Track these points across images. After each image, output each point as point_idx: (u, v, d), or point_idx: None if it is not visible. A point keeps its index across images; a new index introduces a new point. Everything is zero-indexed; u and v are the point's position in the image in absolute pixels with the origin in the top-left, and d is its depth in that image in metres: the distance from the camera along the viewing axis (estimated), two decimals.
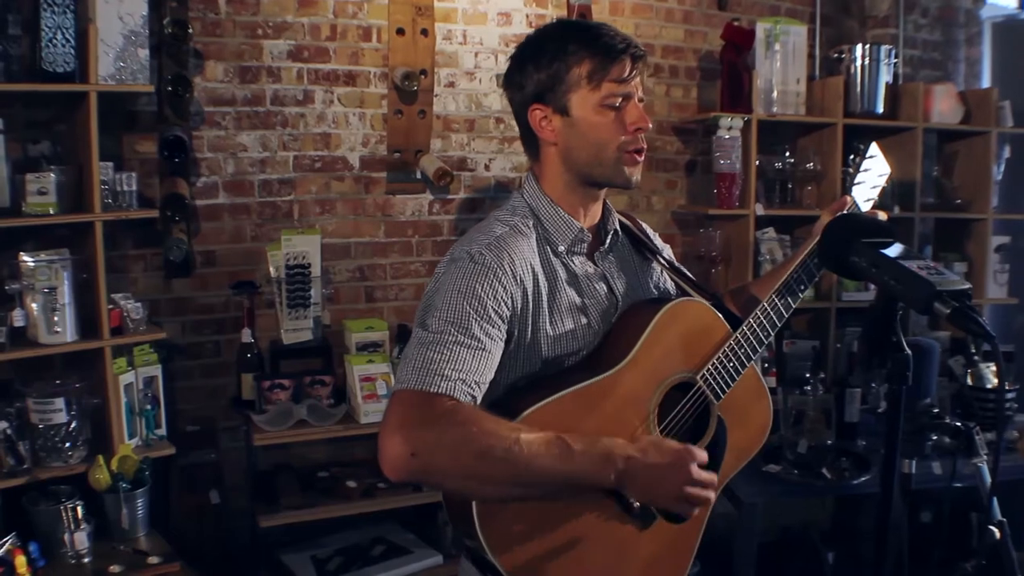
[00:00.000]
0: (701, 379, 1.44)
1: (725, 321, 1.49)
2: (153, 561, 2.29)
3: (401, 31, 2.98)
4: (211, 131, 2.81)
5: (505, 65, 1.47)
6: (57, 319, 2.36)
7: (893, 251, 1.30)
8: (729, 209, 3.36)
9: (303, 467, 2.90)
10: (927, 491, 2.70)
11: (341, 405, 2.76)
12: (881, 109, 3.51)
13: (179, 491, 2.70)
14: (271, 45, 2.86)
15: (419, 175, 3.10)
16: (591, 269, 1.47)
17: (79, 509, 2.29)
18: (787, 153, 3.56)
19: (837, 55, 3.56)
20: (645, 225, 1.66)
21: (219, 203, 2.85)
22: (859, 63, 3.47)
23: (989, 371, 3.06)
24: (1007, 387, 2.96)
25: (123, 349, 2.51)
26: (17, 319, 2.34)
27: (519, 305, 1.35)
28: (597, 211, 1.51)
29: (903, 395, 1.27)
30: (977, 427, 2.18)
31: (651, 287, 1.58)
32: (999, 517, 1.80)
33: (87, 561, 2.27)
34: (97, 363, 2.47)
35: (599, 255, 1.49)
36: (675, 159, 3.59)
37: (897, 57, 3.69)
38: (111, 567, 2.25)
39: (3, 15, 2.32)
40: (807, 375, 2.95)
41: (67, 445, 2.38)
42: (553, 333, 1.38)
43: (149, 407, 2.55)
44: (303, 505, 2.66)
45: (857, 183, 1.59)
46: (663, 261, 1.59)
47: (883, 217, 1.52)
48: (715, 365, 1.44)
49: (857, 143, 3.42)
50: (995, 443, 2.42)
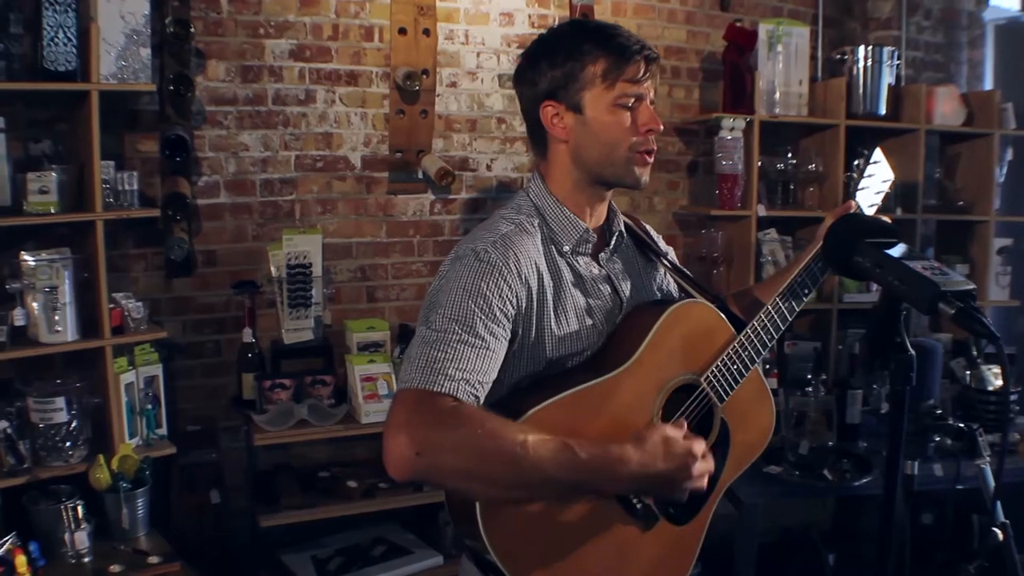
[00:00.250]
0: (705, 381, 1.43)
1: (729, 324, 1.49)
2: (153, 561, 2.29)
3: (403, 31, 2.98)
4: (213, 130, 2.81)
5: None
6: (58, 318, 2.35)
7: (897, 251, 1.29)
8: (731, 210, 3.35)
9: (304, 467, 2.90)
10: (929, 493, 2.69)
11: (342, 405, 2.75)
12: (883, 111, 3.50)
13: (179, 491, 2.70)
14: (273, 44, 2.86)
15: (421, 175, 3.10)
16: (596, 270, 1.47)
17: (79, 509, 2.28)
18: (789, 154, 3.55)
19: (840, 56, 3.55)
20: (648, 227, 1.66)
21: (220, 202, 2.84)
22: (861, 64, 3.47)
23: (990, 373, 3.06)
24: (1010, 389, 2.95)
25: (124, 348, 2.51)
26: (18, 318, 2.34)
27: (524, 304, 1.34)
28: (603, 212, 1.50)
29: (907, 396, 1.26)
30: (980, 429, 2.18)
31: (655, 289, 1.58)
32: (1002, 519, 1.80)
33: (87, 561, 2.27)
34: (98, 362, 2.47)
35: (604, 256, 1.49)
36: (677, 160, 3.58)
37: (900, 59, 3.68)
38: (111, 567, 2.24)
39: (5, 14, 2.32)
40: (808, 376, 2.94)
41: (67, 444, 2.38)
42: (558, 333, 1.38)
43: (150, 406, 2.55)
44: (303, 505, 2.66)
45: (861, 188, 1.59)
46: (666, 263, 1.59)
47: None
48: (719, 367, 1.44)
49: (859, 145, 3.42)
50: (998, 445, 2.42)
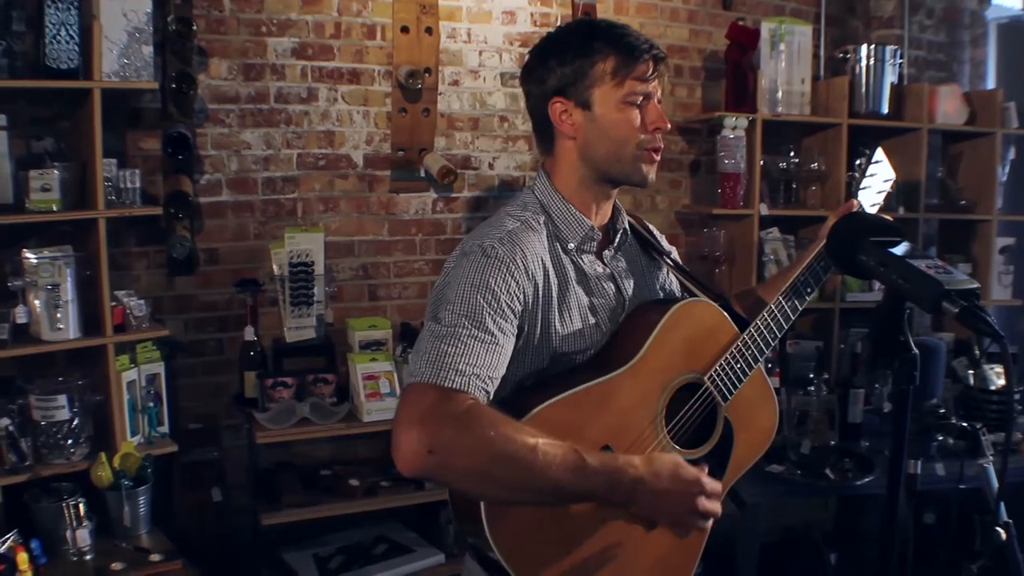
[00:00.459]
0: (709, 380, 1.43)
1: (732, 323, 1.48)
2: (155, 559, 2.29)
3: (405, 29, 2.98)
4: (215, 128, 2.81)
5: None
6: (60, 316, 2.35)
7: (901, 250, 1.29)
8: (733, 209, 3.35)
9: (305, 465, 2.90)
10: (932, 492, 2.69)
11: (344, 403, 2.75)
12: (886, 110, 3.50)
13: (181, 489, 2.71)
14: (275, 43, 2.85)
15: (423, 173, 3.10)
16: (600, 268, 1.47)
17: (81, 506, 2.28)
18: (791, 153, 3.55)
19: (842, 55, 3.55)
20: (651, 226, 1.66)
21: (223, 200, 2.84)
22: (864, 63, 3.47)
23: (993, 372, 3.05)
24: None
25: (126, 346, 2.51)
26: (20, 316, 2.34)
27: (530, 300, 1.34)
28: (608, 210, 1.50)
29: (910, 395, 1.26)
30: (983, 428, 2.18)
31: (657, 288, 1.58)
32: (1005, 518, 1.79)
33: (89, 558, 2.27)
34: (100, 360, 2.47)
35: (608, 254, 1.49)
36: (679, 159, 3.58)
37: (902, 58, 3.68)
38: (113, 564, 2.24)
39: (7, 12, 2.32)
40: (811, 375, 2.95)
41: (69, 442, 2.38)
42: (562, 331, 1.38)
43: (151, 404, 2.55)
44: (305, 503, 2.66)
45: (863, 187, 1.59)
46: (669, 262, 1.59)
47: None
48: (723, 366, 1.44)
49: (862, 144, 3.41)
50: (1001, 444, 2.41)
